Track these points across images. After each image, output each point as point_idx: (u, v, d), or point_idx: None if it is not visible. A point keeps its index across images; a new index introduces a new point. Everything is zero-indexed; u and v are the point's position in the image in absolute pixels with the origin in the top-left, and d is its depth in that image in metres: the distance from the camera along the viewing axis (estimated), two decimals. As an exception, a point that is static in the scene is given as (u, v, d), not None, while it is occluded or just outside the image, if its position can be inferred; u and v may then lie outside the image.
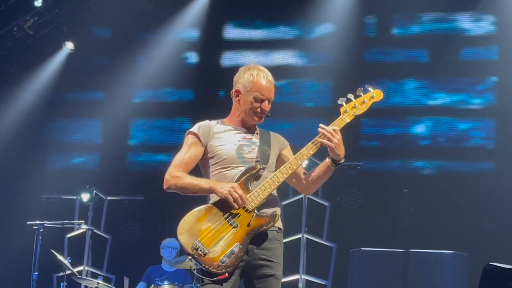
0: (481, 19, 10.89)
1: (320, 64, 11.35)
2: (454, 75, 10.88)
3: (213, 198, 4.59)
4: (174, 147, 12.42)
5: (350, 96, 4.68)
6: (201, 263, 4.41)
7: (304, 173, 4.81)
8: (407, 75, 11.02)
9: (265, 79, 4.78)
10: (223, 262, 4.40)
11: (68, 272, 9.10)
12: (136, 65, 12.03)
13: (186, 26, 11.78)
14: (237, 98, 4.82)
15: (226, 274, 4.42)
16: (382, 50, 11.23)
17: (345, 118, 4.67)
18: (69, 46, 11.51)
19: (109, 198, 11.26)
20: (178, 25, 11.77)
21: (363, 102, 4.70)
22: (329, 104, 11.11)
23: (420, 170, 10.82)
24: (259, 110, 4.75)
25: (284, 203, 10.39)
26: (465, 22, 10.94)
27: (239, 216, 4.47)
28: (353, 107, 4.68)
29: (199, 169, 4.76)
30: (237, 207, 4.43)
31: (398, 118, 11.00)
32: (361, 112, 4.70)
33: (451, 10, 10.99)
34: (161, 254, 9.60)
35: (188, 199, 4.59)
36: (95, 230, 10.56)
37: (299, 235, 10.07)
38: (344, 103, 4.68)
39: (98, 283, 8.71)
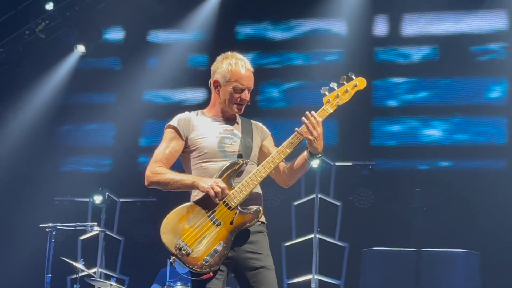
0: (492, 16, 10.85)
1: (329, 63, 11.34)
2: (465, 73, 10.84)
3: (196, 195, 4.51)
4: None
5: (333, 85, 4.57)
6: (185, 263, 4.35)
7: (283, 166, 4.67)
8: (417, 73, 10.99)
9: (244, 67, 4.70)
10: (206, 262, 4.33)
11: (82, 274, 9.14)
12: (147, 66, 12.06)
13: (197, 27, 11.79)
14: (216, 89, 4.76)
15: (211, 273, 4.36)
16: (392, 48, 11.21)
17: (327, 108, 4.53)
18: (80, 49, 11.54)
19: (121, 200, 11.29)
20: (189, 26, 11.79)
21: (346, 91, 4.58)
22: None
23: (432, 169, 10.79)
24: (239, 100, 4.66)
25: (296, 203, 10.42)
26: (476, 20, 10.91)
27: (222, 213, 4.38)
28: (336, 96, 4.55)
29: (181, 163, 4.68)
30: (217, 201, 4.35)
31: (409, 117, 10.98)
32: (344, 101, 4.56)
33: (462, 8, 10.96)
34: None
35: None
36: (108, 232, 10.60)
37: (312, 235, 10.07)
38: (327, 93, 4.56)
39: (111, 284, 8.74)
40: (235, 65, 4.71)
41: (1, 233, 11.05)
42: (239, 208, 4.41)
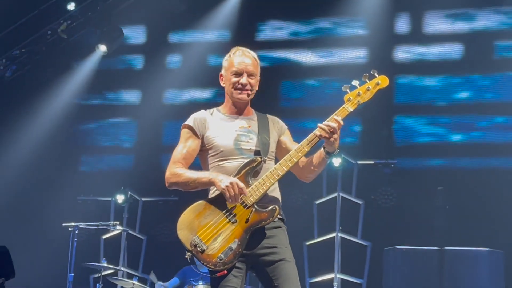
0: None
1: (351, 61, 11.31)
2: (488, 70, 10.77)
3: (213, 191, 4.51)
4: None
5: (355, 82, 4.51)
6: (199, 260, 4.37)
7: (303, 161, 4.63)
8: (439, 72, 10.94)
9: (241, 52, 4.71)
10: (221, 259, 4.33)
11: (104, 273, 9.19)
12: (168, 66, 12.09)
13: (218, 27, 11.80)
14: (222, 82, 4.76)
15: (225, 271, 4.35)
16: (414, 47, 11.15)
17: (348, 107, 4.48)
18: (102, 48, 11.58)
19: (143, 199, 11.32)
20: (210, 27, 11.80)
21: (368, 90, 4.51)
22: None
23: (454, 167, 10.73)
24: (238, 85, 4.64)
25: (317, 202, 10.40)
26: (499, 16, 10.83)
27: (238, 211, 4.37)
28: (357, 95, 4.49)
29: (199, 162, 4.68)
30: (233, 203, 4.34)
31: (431, 115, 10.92)
32: (366, 100, 4.51)
33: (484, 4, 10.89)
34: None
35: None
36: (130, 231, 10.62)
37: (333, 234, 10.06)
38: (348, 90, 4.51)
39: (133, 283, 8.77)
40: (233, 54, 4.72)
41: (25, 232, 11.12)
42: (255, 206, 4.39)
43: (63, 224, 8.85)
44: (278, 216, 4.50)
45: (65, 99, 12.00)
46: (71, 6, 11.34)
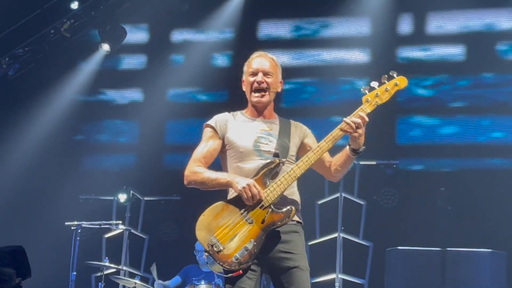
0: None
1: (354, 62, 11.31)
2: (492, 71, 10.76)
3: (232, 192, 4.55)
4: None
5: (374, 84, 4.52)
6: (216, 260, 4.41)
7: (328, 161, 4.69)
8: (442, 72, 10.93)
9: (259, 56, 4.79)
10: (236, 259, 4.38)
11: (107, 272, 9.19)
12: (171, 65, 12.10)
13: (221, 26, 11.80)
14: (244, 87, 4.82)
15: (240, 271, 4.39)
16: (417, 47, 11.14)
17: (365, 108, 4.51)
18: (105, 47, 11.58)
19: (146, 198, 11.33)
20: (213, 26, 11.80)
21: (386, 90, 4.53)
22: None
23: (456, 168, 10.72)
24: (255, 84, 4.70)
25: (320, 202, 10.40)
26: (503, 17, 10.82)
27: (255, 212, 4.42)
28: (375, 96, 4.52)
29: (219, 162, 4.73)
30: (250, 204, 4.39)
31: (434, 116, 10.91)
32: (384, 101, 4.53)
33: (488, 5, 10.88)
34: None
35: (225, 199, 4.59)
36: (132, 231, 10.63)
37: (335, 234, 10.06)
38: (367, 92, 4.53)
39: (135, 283, 8.78)
40: (252, 58, 4.81)
41: (27, 231, 11.12)
42: (271, 207, 4.43)
43: (66, 223, 8.86)
44: (296, 219, 4.60)
45: (68, 97, 12.00)
46: (74, 5, 11.34)
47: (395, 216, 10.51)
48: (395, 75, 4.55)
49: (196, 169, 4.63)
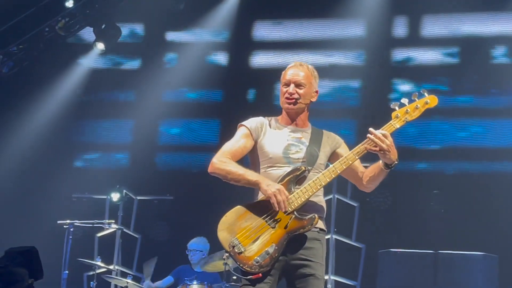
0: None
1: (349, 63, 11.32)
2: (485, 75, 10.78)
3: (258, 195, 4.59)
4: (203, 147, 12.50)
5: (404, 100, 4.59)
6: (236, 261, 4.45)
7: (361, 171, 4.76)
8: (437, 75, 10.95)
9: (295, 66, 4.81)
10: (257, 262, 4.42)
11: (99, 271, 9.17)
12: (166, 65, 12.09)
13: (216, 26, 11.79)
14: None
15: (260, 274, 4.43)
16: (412, 50, 11.16)
17: (395, 123, 4.60)
18: (100, 46, 11.57)
19: (139, 197, 11.31)
20: (208, 26, 11.79)
21: (416, 108, 4.60)
22: (357, 104, 11.11)
23: (450, 171, 10.74)
24: (286, 95, 4.74)
25: (313, 203, 10.38)
26: (498, 22, 10.84)
27: (278, 217, 4.47)
28: (405, 112, 4.60)
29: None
30: (278, 209, 4.42)
31: (428, 119, 10.92)
32: (413, 118, 4.61)
33: (483, 9, 10.90)
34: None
35: (218, 199, 4.60)
36: (125, 230, 10.62)
37: (328, 236, 10.04)
38: (397, 108, 4.59)
39: (127, 282, 8.77)
40: (288, 68, 4.84)
41: (19, 229, 11.09)
42: (295, 213, 4.48)
43: (58, 222, 8.84)
44: (321, 227, 4.62)
45: (62, 96, 11.98)
46: (69, 4, 11.31)
47: (388, 218, 10.52)
48: (425, 94, 4.63)
49: (224, 159, 4.64)
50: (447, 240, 9.73)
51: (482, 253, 8.91)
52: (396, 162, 4.61)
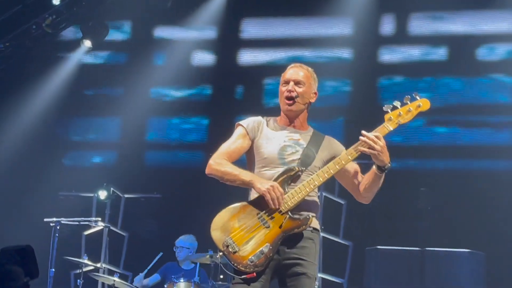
0: (500, 16, 10.82)
1: (336, 61, 11.33)
2: (473, 73, 10.81)
3: (252, 195, 4.59)
4: (191, 145, 12.49)
5: (397, 103, 4.61)
6: (230, 261, 4.44)
7: (358, 180, 4.78)
8: (423, 73, 10.98)
9: (294, 67, 4.83)
10: (252, 262, 4.42)
11: (86, 269, 9.15)
12: (153, 62, 12.07)
13: (204, 24, 11.78)
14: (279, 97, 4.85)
15: (254, 273, 4.43)
16: (399, 48, 11.19)
17: (388, 126, 4.61)
18: (87, 44, 11.55)
19: (126, 195, 11.29)
20: (196, 23, 11.79)
21: (409, 111, 4.63)
22: (344, 102, 11.13)
23: (437, 169, 10.77)
24: (286, 93, 4.74)
25: (300, 201, 10.39)
26: (484, 20, 10.88)
27: (272, 216, 4.47)
28: (398, 115, 4.61)
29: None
30: (273, 206, 4.43)
31: (415, 117, 10.93)
32: (406, 121, 4.64)
33: (469, 8, 10.94)
34: (176, 253, 9.69)
35: (205, 197, 4.60)
36: (112, 228, 10.59)
37: (316, 233, 10.06)
38: (389, 110, 4.61)
39: (114, 280, 8.75)
40: (287, 69, 4.85)
41: (5, 227, 11.06)
42: (289, 213, 4.48)
43: (45, 220, 8.81)
44: (314, 226, 4.62)
45: (49, 93, 11.95)
46: (56, 1, 11.25)
47: (375, 216, 10.53)
48: (418, 97, 4.66)
49: (221, 161, 4.64)
50: (434, 238, 9.76)
51: (468, 250, 8.95)
52: (389, 165, 4.60)
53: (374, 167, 4.62)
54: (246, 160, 4.79)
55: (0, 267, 4.38)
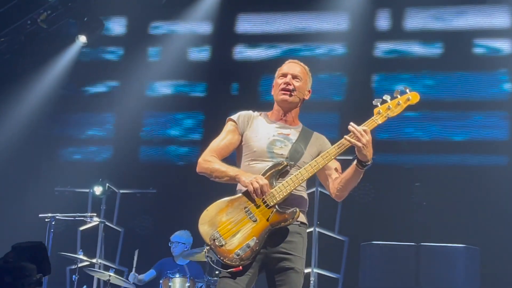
0: (495, 11, 10.83)
1: (332, 57, 11.33)
2: (468, 68, 10.83)
3: (239, 189, 4.62)
4: (186, 141, 12.47)
5: (386, 97, 4.65)
6: (216, 254, 4.46)
7: (335, 176, 4.77)
8: (419, 68, 10.98)
9: (290, 62, 4.89)
10: (238, 255, 4.44)
11: (81, 264, 9.16)
12: (148, 58, 12.07)
13: (199, 19, 11.78)
14: (273, 91, 4.89)
15: (240, 267, 4.45)
16: (394, 43, 11.19)
17: (377, 119, 4.62)
18: (82, 39, 11.53)
19: (121, 191, 11.29)
20: (191, 18, 11.78)
21: (398, 104, 4.66)
22: (341, 98, 11.13)
23: (432, 164, 10.78)
24: (282, 85, 4.77)
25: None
26: (479, 15, 10.89)
27: (260, 210, 4.49)
28: (387, 108, 4.64)
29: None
30: (257, 196, 4.44)
31: (411, 112, 10.94)
32: (395, 114, 4.66)
33: (465, 3, 10.95)
34: (171, 249, 9.69)
35: (201, 193, 4.60)
36: (107, 223, 10.60)
37: (311, 229, 10.06)
38: (379, 104, 4.63)
39: (110, 275, 8.76)
40: (284, 64, 4.90)
41: (0, 222, 11.05)
42: (276, 207, 4.49)
43: (40, 215, 8.81)
44: (302, 220, 4.64)
45: (44, 89, 11.94)
46: (51, -4, 11.27)
47: (370, 211, 10.55)
48: (407, 90, 4.69)
49: (209, 158, 4.69)
50: (429, 233, 9.78)
51: (463, 245, 8.96)
52: (370, 162, 4.58)
53: (355, 162, 4.61)
54: (236, 153, 4.81)
55: (13, 264, 4.40)
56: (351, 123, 4.55)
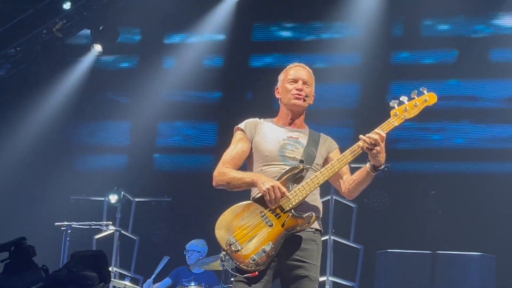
0: (510, 19, 10.80)
1: (347, 65, 11.32)
2: (483, 76, 10.79)
3: (255, 193, 4.62)
4: (201, 149, 12.49)
5: (403, 98, 4.59)
6: (233, 259, 4.45)
7: (347, 177, 4.77)
8: (434, 76, 10.96)
9: (297, 66, 4.89)
10: (253, 260, 4.42)
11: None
12: (164, 67, 12.10)
13: (214, 28, 11.80)
14: (278, 94, 4.89)
15: (256, 272, 4.43)
16: (409, 51, 11.18)
17: (393, 121, 4.56)
18: (97, 48, 11.58)
19: (136, 199, 11.32)
20: (206, 27, 11.80)
21: (415, 106, 4.60)
22: (355, 106, 11.12)
23: (447, 172, 10.75)
24: (294, 91, 4.77)
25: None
26: (495, 22, 10.86)
27: (275, 215, 4.47)
28: (404, 110, 4.58)
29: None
30: (272, 206, 4.43)
31: (426, 120, 10.92)
32: (412, 115, 4.59)
33: (481, 10, 10.92)
34: (187, 257, 9.70)
35: (216, 201, 4.61)
36: (123, 231, 10.61)
37: (326, 237, 10.04)
38: (396, 106, 4.58)
39: (125, 284, 8.77)
40: (288, 67, 4.90)
41: (17, 230, 11.06)
42: (292, 211, 4.48)
43: (56, 223, 8.84)
44: (316, 227, 4.64)
45: (59, 98, 11.99)
46: (66, 6, 11.32)
47: (386, 219, 10.53)
48: (425, 91, 4.62)
49: (224, 170, 4.68)
50: (444, 241, 9.74)
51: (479, 253, 8.92)
52: (383, 166, 4.55)
53: (368, 165, 4.58)
54: (247, 161, 4.81)
55: (77, 273, 4.42)
56: (361, 136, 4.51)
